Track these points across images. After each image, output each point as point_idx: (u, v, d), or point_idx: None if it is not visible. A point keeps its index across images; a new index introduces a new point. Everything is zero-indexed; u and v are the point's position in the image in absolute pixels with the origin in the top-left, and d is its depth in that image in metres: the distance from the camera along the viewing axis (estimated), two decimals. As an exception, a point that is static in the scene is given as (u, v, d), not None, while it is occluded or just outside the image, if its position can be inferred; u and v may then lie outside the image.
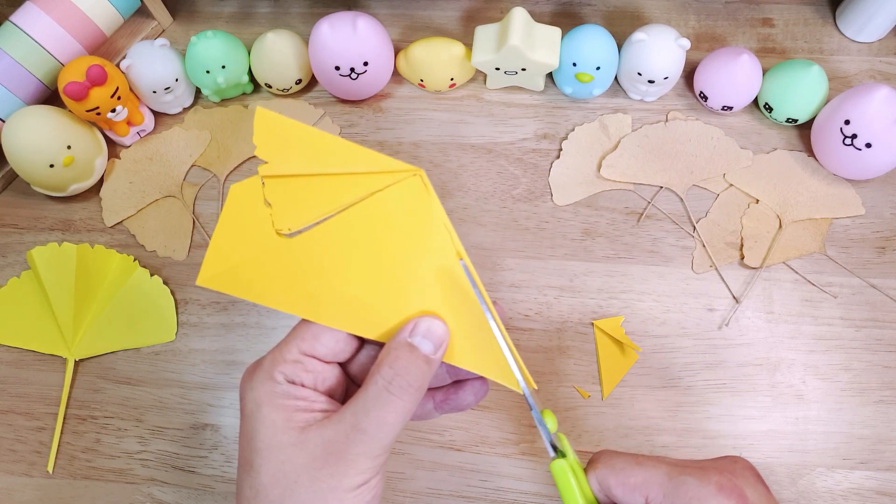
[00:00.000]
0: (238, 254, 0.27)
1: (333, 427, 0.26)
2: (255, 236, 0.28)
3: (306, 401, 0.27)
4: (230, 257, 0.27)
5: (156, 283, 0.51)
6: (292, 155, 0.27)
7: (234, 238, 0.28)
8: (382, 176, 0.28)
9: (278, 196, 0.28)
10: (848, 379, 0.47)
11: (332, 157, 0.27)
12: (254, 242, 0.28)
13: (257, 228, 0.27)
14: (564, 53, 0.52)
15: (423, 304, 0.28)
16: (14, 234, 0.54)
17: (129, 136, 0.55)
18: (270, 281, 0.28)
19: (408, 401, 0.26)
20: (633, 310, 0.49)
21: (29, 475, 0.47)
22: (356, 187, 0.28)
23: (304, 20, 0.61)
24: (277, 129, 0.27)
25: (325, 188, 0.28)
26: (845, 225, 0.51)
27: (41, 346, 0.50)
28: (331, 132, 0.56)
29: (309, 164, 0.27)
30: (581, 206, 0.53)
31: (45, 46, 0.51)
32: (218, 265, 0.27)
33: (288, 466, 0.26)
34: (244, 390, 0.28)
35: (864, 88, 0.48)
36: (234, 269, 0.28)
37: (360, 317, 0.28)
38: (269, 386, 0.27)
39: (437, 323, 0.28)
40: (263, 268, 0.28)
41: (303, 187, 0.28)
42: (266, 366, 0.28)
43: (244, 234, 0.28)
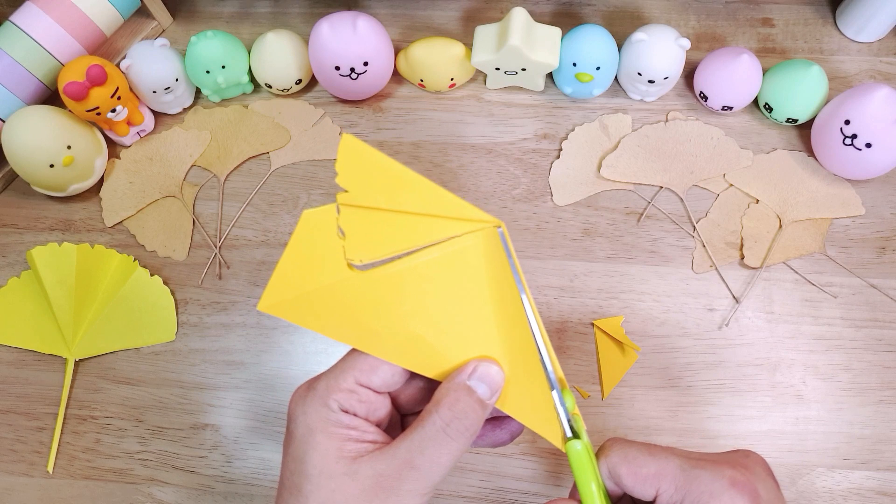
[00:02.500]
0: (304, 283, 0.27)
1: (387, 461, 0.26)
2: (323, 266, 0.27)
3: (358, 430, 0.27)
4: (296, 285, 0.27)
5: (156, 283, 0.51)
6: (373, 187, 0.27)
7: (302, 266, 0.27)
8: (462, 223, 0.27)
9: (353, 227, 0.27)
10: (848, 379, 0.47)
11: (413, 196, 0.27)
12: (322, 272, 0.27)
13: (327, 258, 0.27)
14: (564, 53, 0.52)
15: (482, 348, 0.28)
16: (14, 234, 0.54)
17: (129, 136, 0.55)
18: (333, 313, 0.27)
19: (463, 443, 0.27)
20: (633, 310, 0.49)
21: (29, 475, 0.47)
22: (434, 230, 0.27)
23: (304, 20, 0.61)
24: (362, 159, 0.27)
25: (402, 226, 0.27)
26: (845, 225, 0.51)
27: (41, 346, 0.50)
28: (331, 132, 0.56)
29: (389, 199, 0.27)
30: (581, 206, 0.53)
31: (45, 46, 0.51)
32: (282, 293, 0.27)
33: (339, 496, 0.26)
34: (295, 412, 0.28)
35: (864, 88, 0.48)
36: (297, 299, 0.27)
37: (419, 355, 0.28)
38: (323, 413, 0.27)
39: (495, 368, 0.28)
40: (328, 299, 0.27)
41: (380, 222, 0.27)
42: (320, 392, 0.27)
43: (312, 262, 0.27)
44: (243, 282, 0.52)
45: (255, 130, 0.56)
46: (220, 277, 0.52)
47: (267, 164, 0.56)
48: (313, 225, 0.27)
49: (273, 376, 0.49)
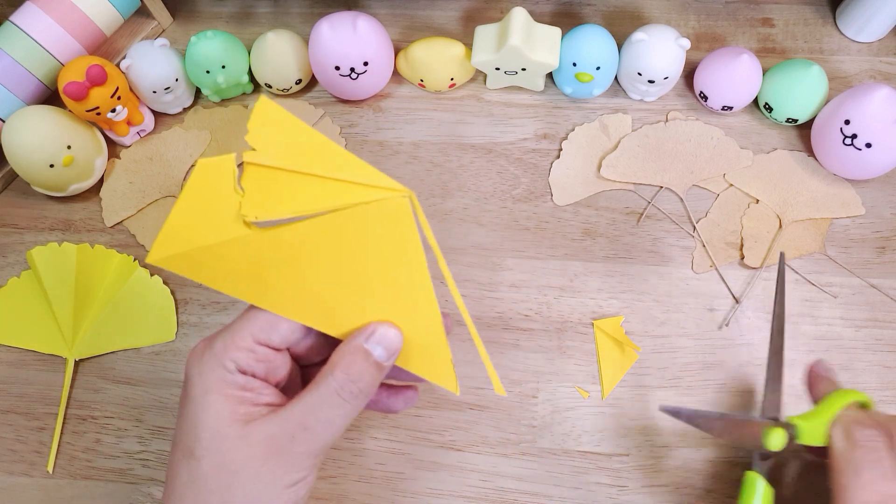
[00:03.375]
0: (197, 236, 0.26)
1: (280, 424, 0.26)
2: (217, 219, 0.26)
3: (254, 392, 0.27)
4: (188, 239, 0.26)
5: (156, 283, 0.51)
6: (284, 149, 0.26)
7: (195, 218, 0.26)
8: (372, 190, 0.26)
9: (255, 184, 0.26)
10: (848, 379, 0.47)
11: (324, 161, 0.26)
12: (215, 226, 0.26)
13: (221, 211, 0.26)
14: (564, 53, 0.52)
15: (382, 310, 0.27)
16: (14, 234, 0.54)
17: (129, 136, 0.55)
18: (228, 268, 0.27)
19: (356, 405, 0.27)
20: (633, 310, 0.49)
21: (29, 475, 0.47)
22: (341, 195, 0.26)
23: (304, 20, 0.61)
24: (276, 122, 0.26)
25: (308, 188, 0.26)
26: (845, 225, 0.51)
27: (41, 346, 0.50)
28: (331, 132, 0.56)
29: (298, 162, 0.26)
30: (581, 206, 0.53)
31: (45, 46, 0.51)
32: (173, 246, 0.26)
33: (230, 458, 0.26)
34: (191, 372, 0.27)
35: (864, 88, 0.48)
36: (190, 253, 0.26)
37: (319, 312, 0.27)
38: (219, 373, 0.27)
39: (393, 331, 0.28)
40: (222, 254, 0.26)
41: (284, 182, 0.26)
42: (217, 350, 0.27)
43: (206, 215, 0.26)
44: (243, 282, 0.52)
45: (255, 130, 0.56)
46: (220, 277, 0.52)
47: (267, 164, 0.56)
48: (209, 176, 0.26)
49: (273, 376, 0.49)
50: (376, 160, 0.55)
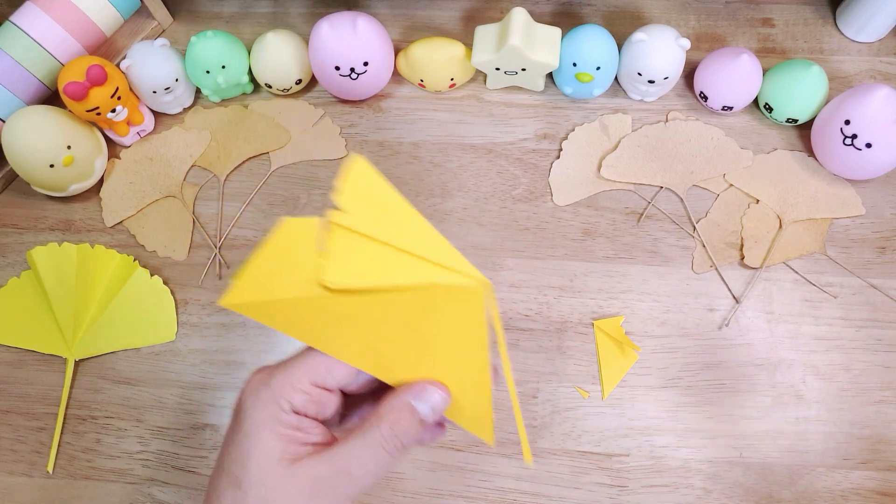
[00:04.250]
0: (271, 288, 0.26)
1: (325, 466, 0.27)
2: (293, 276, 0.26)
3: (304, 432, 0.28)
4: (262, 290, 0.26)
5: (156, 283, 0.51)
6: (370, 215, 0.26)
7: (272, 272, 0.26)
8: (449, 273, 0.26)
9: (336, 247, 0.26)
10: (848, 379, 0.47)
11: (408, 234, 0.26)
12: (290, 282, 0.26)
13: (299, 269, 0.26)
14: (564, 53, 0.52)
15: (435, 368, 0.28)
16: (14, 234, 0.54)
17: (129, 136, 0.55)
18: (295, 317, 0.27)
19: (397, 458, 0.28)
20: (633, 310, 0.49)
21: (29, 475, 0.47)
22: (419, 271, 0.26)
23: (304, 20, 0.61)
24: (368, 184, 0.26)
25: (388, 259, 0.26)
26: (845, 225, 0.51)
27: (41, 346, 0.50)
28: (331, 132, 0.56)
29: (383, 230, 0.26)
30: (581, 206, 0.53)
31: (45, 46, 0.51)
32: (247, 295, 0.26)
33: (275, 494, 0.27)
34: (247, 403, 0.28)
35: (864, 88, 0.48)
36: (261, 303, 0.27)
37: (375, 361, 0.28)
38: (273, 411, 0.27)
39: (441, 393, 0.28)
40: (291, 305, 0.27)
41: (366, 249, 0.26)
42: (275, 388, 0.28)
43: (283, 271, 0.26)
44: (243, 282, 0.52)
45: (255, 130, 0.56)
46: (220, 277, 0.52)
47: (267, 164, 0.56)
48: (292, 234, 0.26)
49: (273, 376, 0.49)
50: (376, 160, 0.55)
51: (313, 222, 0.26)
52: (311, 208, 0.54)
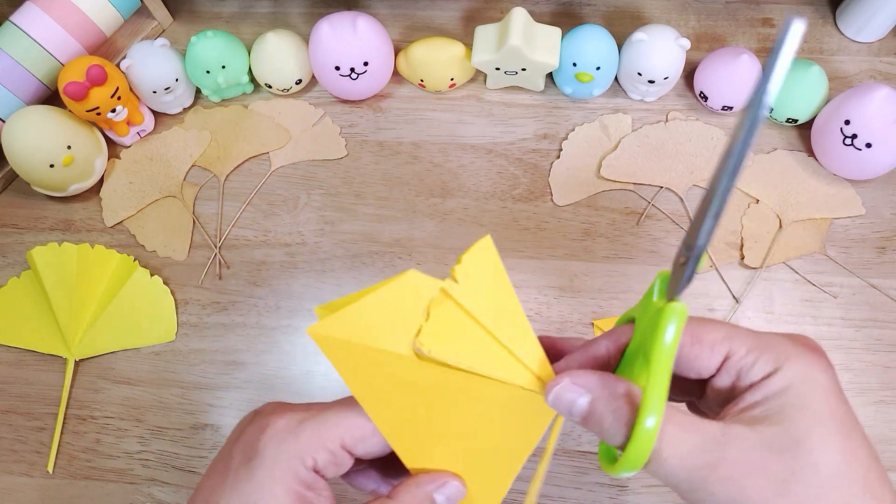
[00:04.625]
0: (364, 333, 0.26)
1: None
2: (391, 329, 0.26)
3: (316, 493, 0.26)
4: (356, 331, 0.26)
5: (156, 283, 0.51)
6: (481, 297, 0.26)
7: (373, 317, 0.26)
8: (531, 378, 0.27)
9: (441, 315, 0.26)
10: (848, 379, 0.47)
11: (508, 327, 0.27)
12: (386, 333, 0.26)
13: (400, 325, 0.26)
14: (564, 53, 0.52)
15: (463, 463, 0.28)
16: (14, 234, 0.54)
17: (129, 136, 0.55)
18: (365, 368, 0.27)
19: None
20: (633, 310, 0.49)
21: (29, 475, 0.47)
22: (505, 365, 0.27)
23: (304, 20, 0.61)
24: (487, 267, 0.26)
25: (481, 344, 0.27)
26: (845, 225, 0.51)
27: (41, 346, 0.50)
28: (331, 132, 0.56)
29: (487, 315, 0.26)
30: (581, 206, 0.53)
31: (45, 46, 0.51)
32: (340, 330, 0.26)
33: None
34: (266, 451, 0.26)
35: (864, 88, 0.48)
36: (347, 343, 0.26)
37: (409, 439, 0.27)
38: (294, 466, 0.26)
39: (460, 490, 0.28)
40: (370, 358, 0.26)
41: (465, 327, 0.26)
42: (303, 443, 0.26)
43: (384, 319, 0.26)
44: (243, 282, 0.52)
45: (255, 130, 0.56)
46: (220, 277, 0.52)
47: (267, 164, 0.56)
48: (411, 288, 0.26)
49: (273, 376, 0.49)
50: (376, 160, 0.55)
51: (435, 285, 0.26)
52: (311, 208, 0.54)
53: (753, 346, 0.25)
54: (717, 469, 0.23)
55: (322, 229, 0.53)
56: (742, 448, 0.23)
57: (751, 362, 0.25)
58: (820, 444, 0.23)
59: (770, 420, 0.24)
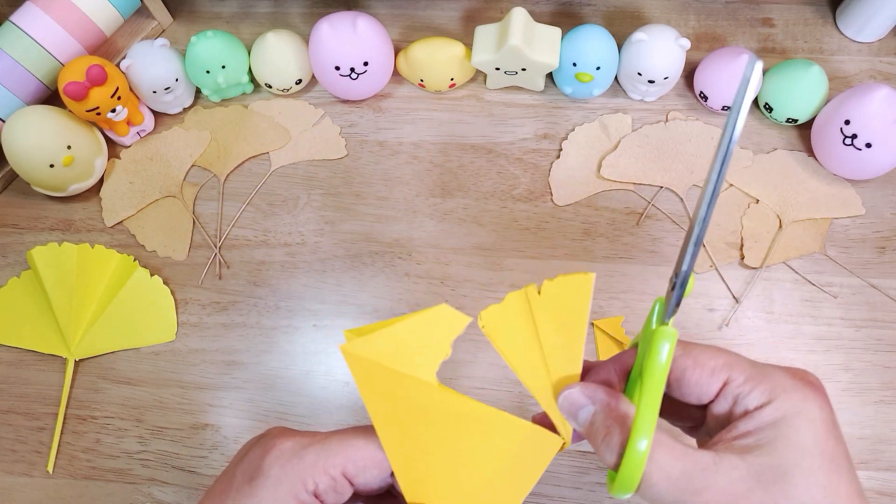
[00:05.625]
0: (392, 357, 0.27)
1: None
2: (418, 356, 0.27)
3: None
4: (384, 354, 0.27)
5: (156, 283, 0.51)
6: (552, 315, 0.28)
7: (402, 343, 0.27)
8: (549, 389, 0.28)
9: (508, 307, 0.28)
10: (848, 379, 0.47)
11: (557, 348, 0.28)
12: (412, 360, 0.27)
13: (427, 352, 0.27)
14: (564, 53, 0.52)
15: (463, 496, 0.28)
16: (14, 234, 0.54)
17: (129, 136, 0.55)
18: (385, 393, 0.27)
19: None
20: (633, 310, 0.49)
21: (29, 475, 0.47)
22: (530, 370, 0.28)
23: (304, 20, 0.61)
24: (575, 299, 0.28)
25: (523, 344, 0.28)
26: (845, 225, 0.51)
27: (41, 346, 0.50)
28: (331, 132, 0.56)
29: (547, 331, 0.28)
30: (581, 206, 0.53)
31: (45, 46, 0.51)
32: (370, 351, 0.27)
33: None
34: (270, 471, 0.27)
35: (864, 88, 0.48)
36: (376, 365, 0.27)
37: (414, 470, 0.28)
38: (297, 489, 0.26)
39: None
40: (394, 381, 0.27)
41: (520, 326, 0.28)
42: (307, 466, 0.27)
43: (412, 348, 0.27)
44: (243, 282, 0.52)
45: (255, 130, 0.56)
46: (220, 277, 0.52)
47: (267, 164, 0.56)
48: (441, 320, 0.27)
49: (273, 376, 0.49)
50: (376, 160, 0.55)
51: (464, 319, 0.27)
52: (311, 208, 0.54)
53: (752, 375, 0.26)
54: (702, 495, 0.24)
55: (322, 229, 0.53)
56: (731, 478, 0.24)
57: (747, 390, 0.26)
58: (804, 478, 0.24)
59: (761, 450, 0.25)
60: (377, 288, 0.51)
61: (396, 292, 0.51)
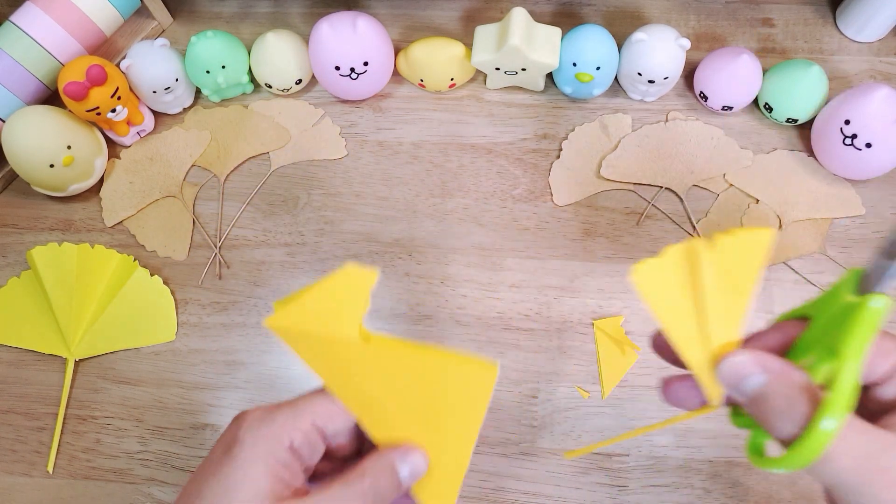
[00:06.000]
0: (314, 322, 0.28)
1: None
2: (338, 317, 0.28)
3: (292, 474, 0.28)
4: (306, 322, 0.28)
5: (156, 283, 0.51)
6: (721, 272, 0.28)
7: (320, 308, 0.28)
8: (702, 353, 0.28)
9: (667, 261, 0.28)
10: (848, 379, 0.47)
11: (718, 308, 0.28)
12: (334, 321, 0.28)
13: (343, 314, 0.28)
14: (564, 53, 0.52)
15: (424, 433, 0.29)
16: (14, 234, 0.54)
17: (129, 136, 0.55)
18: (322, 353, 0.29)
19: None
20: (633, 310, 0.49)
21: (29, 475, 0.47)
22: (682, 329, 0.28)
23: (304, 20, 0.61)
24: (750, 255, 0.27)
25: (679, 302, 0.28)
26: (845, 225, 0.51)
27: (41, 346, 0.50)
28: (331, 132, 0.56)
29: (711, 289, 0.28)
30: (581, 206, 0.53)
31: (45, 46, 0.51)
32: (293, 321, 0.28)
33: None
34: (244, 436, 0.28)
35: (864, 88, 0.48)
36: (301, 332, 0.28)
37: (373, 415, 0.29)
38: (273, 447, 0.28)
39: (423, 460, 0.29)
40: (325, 345, 0.28)
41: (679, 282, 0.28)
42: (278, 426, 0.28)
43: (330, 310, 0.28)
44: (243, 282, 0.52)
45: (255, 130, 0.56)
46: (220, 277, 0.52)
47: (267, 164, 0.56)
48: (350, 280, 0.28)
49: (273, 376, 0.49)
50: (376, 160, 0.55)
51: (373, 274, 0.28)
52: (311, 208, 0.54)
53: None
54: (888, 474, 0.24)
55: (322, 229, 0.53)
56: None
57: None
58: None
59: None
60: (377, 288, 0.51)
61: (396, 292, 0.51)
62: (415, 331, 0.50)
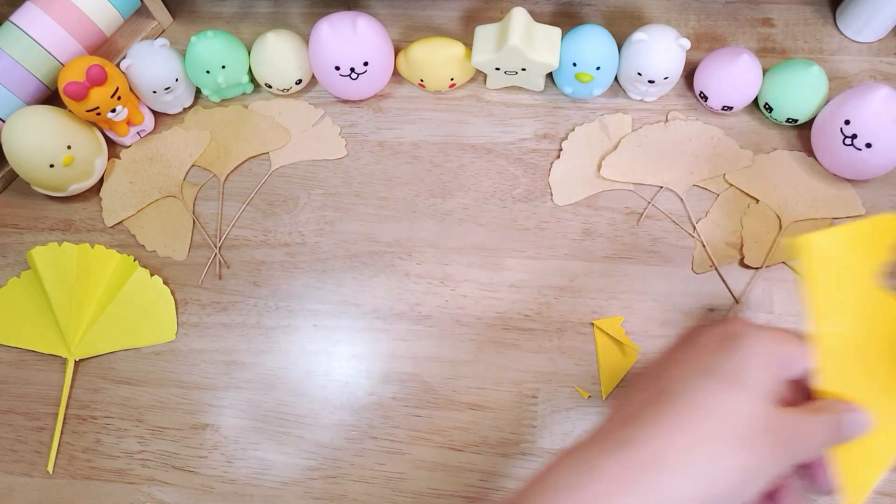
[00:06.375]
0: (848, 259, 0.27)
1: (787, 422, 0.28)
2: (867, 259, 0.27)
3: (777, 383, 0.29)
4: (840, 250, 0.27)
5: (156, 283, 0.51)
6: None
7: (855, 243, 0.27)
8: None
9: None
10: (848, 379, 0.47)
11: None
12: (863, 261, 0.27)
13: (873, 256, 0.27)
14: (564, 53, 0.52)
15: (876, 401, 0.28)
16: (14, 234, 0.54)
17: (129, 136, 0.55)
18: (831, 288, 0.27)
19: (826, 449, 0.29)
20: (633, 310, 0.49)
21: (29, 475, 0.47)
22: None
23: (304, 20, 0.61)
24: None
25: None
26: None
27: (41, 346, 0.50)
28: (331, 132, 0.56)
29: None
30: (581, 206, 0.53)
31: (45, 46, 0.51)
32: (828, 245, 0.27)
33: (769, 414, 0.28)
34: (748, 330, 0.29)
35: (864, 88, 0.48)
36: (830, 258, 0.27)
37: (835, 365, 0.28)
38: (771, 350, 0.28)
39: (868, 423, 0.29)
40: (843, 278, 0.27)
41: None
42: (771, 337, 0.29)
43: (864, 249, 0.27)
44: (243, 282, 0.52)
45: (255, 130, 0.56)
46: (220, 277, 0.52)
47: (267, 164, 0.56)
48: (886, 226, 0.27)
49: (273, 376, 0.49)
50: (376, 160, 0.55)
51: (837, 233, 0.27)
52: (311, 208, 0.54)
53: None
54: None
55: (322, 229, 0.53)
56: None
57: None
58: None
59: None
60: (377, 288, 0.51)
61: (396, 292, 0.51)
62: (415, 331, 0.50)
